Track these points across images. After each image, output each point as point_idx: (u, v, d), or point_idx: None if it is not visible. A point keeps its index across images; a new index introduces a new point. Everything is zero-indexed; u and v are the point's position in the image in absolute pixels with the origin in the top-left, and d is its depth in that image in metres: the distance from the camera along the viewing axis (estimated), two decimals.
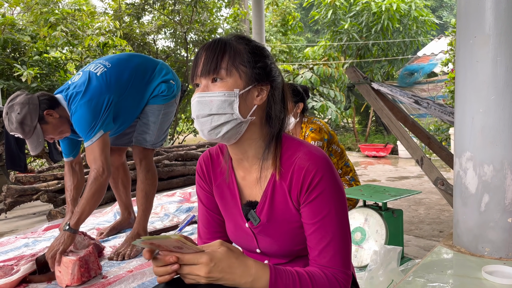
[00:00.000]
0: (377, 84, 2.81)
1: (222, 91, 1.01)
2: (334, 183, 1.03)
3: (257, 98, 1.06)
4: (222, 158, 1.19)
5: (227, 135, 1.04)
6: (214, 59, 1.02)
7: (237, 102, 1.02)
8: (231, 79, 1.02)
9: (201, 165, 1.22)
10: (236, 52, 1.04)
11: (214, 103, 1.02)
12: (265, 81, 1.06)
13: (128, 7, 8.51)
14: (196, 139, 10.71)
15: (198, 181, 1.24)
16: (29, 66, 5.94)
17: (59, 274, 2.05)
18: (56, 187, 3.79)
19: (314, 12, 10.51)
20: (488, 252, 1.63)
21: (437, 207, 3.65)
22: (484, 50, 1.60)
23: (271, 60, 1.09)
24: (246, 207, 1.13)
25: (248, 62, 1.04)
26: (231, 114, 1.02)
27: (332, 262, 1.00)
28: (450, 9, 17.87)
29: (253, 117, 1.05)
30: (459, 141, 1.72)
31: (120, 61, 2.46)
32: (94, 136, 2.24)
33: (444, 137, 7.36)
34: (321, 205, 1.01)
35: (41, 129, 2.22)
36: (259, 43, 1.11)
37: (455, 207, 1.77)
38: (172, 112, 2.63)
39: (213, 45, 1.04)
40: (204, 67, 1.03)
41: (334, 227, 1.01)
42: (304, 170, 1.02)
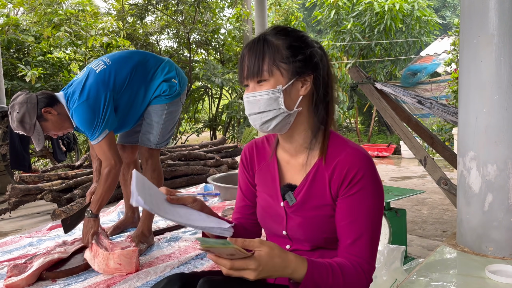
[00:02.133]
0: (380, 84, 2.81)
1: (267, 89, 1.10)
2: (375, 181, 1.10)
3: (302, 89, 1.13)
4: (268, 146, 1.29)
5: (277, 127, 1.13)
6: (256, 63, 1.10)
7: (281, 97, 1.10)
8: (273, 78, 1.10)
9: (245, 152, 1.34)
10: (275, 51, 1.10)
11: (261, 101, 1.11)
12: (307, 71, 1.12)
13: (131, 8, 8.53)
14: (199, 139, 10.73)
15: (240, 167, 1.35)
16: (33, 66, 5.96)
17: (118, 266, 2.20)
18: (60, 187, 3.81)
19: (317, 12, 10.51)
20: (492, 251, 1.63)
21: (440, 207, 3.65)
22: (487, 49, 1.60)
23: (311, 47, 1.13)
24: (285, 188, 1.20)
25: (287, 58, 1.10)
26: (278, 109, 1.10)
27: (361, 253, 1.08)
28: (453, 9, 17.82)
29: (300, 108, 1.13)
30: (462, 141, 1.72)
31: (120, 58, 2.47)
32: (100, 135, 2.31)
33: (447, 137, 7.36)
34: (359, 200, 1.08)
35: (41, 126, 2.31)
36: (298, 32, 1.16)
37: (459, 206, 1.78)
38: (177, 111, 2.62)
39: (254, 46, 1.12)
40: (249, 70, 1.11)
41: (368, 222, 1.08)
42: (348, 165, 1.10)
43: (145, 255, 2.50)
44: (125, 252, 2.22)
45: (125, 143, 2.81)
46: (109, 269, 2.21)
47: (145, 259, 2.43)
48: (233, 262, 0.93)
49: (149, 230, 2.65)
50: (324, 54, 1.17)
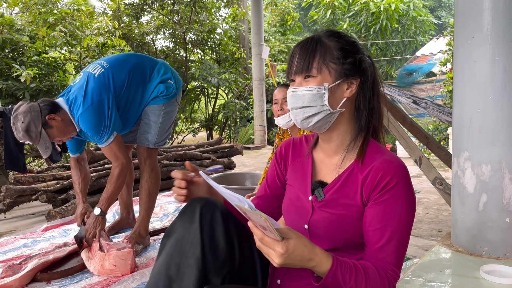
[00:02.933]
0: None
1: (313, 85, 1.12)
2: (408, 190, 1.10)
3: (347, 91, 1.14)
4: (306, 145, 1.31)
5: (317, 124, 1.15)
6: (307, 59, 1.13)
7: (326, 95, 1.12)
8: (321, 76, 1.12)
9: (281, 147, 1.36)
10: (326, 50, 1.13)
11: (306, 96, 1.13)
12: (355, 75, 1.14)
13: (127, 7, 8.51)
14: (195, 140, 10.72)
15: (273, 159, 1.38)
16: (28, 66, 5.93)
17: (113, 268, 2.18)
18: (55, 188, 3.79)
19: (313, 12, 10.52)
20: (486, 251, 1.63)
21: (435, 207, 3.66)
22: (482, 50, 1.61)
23: (361, 53, 1.16)
24: (316, 184, 1.21)
25: (338, 59, 1.13)
26: (321, 106, 1.13)
27: (387, 259, 1.07)
28: (449, 9, 17.88)
29: (343, 109, 1.15)
30: (457, 141, 1.73)
31: (117, 61, 2.49)
32: (110, 138, 2.35)
33: (442, 137, 7.37)
34: (391, 207, 1.08)
35: (47, 133, 2.32)
36: (350, 37, 1.18)
37: (453, 206, 1.78)
38: (174, 111, 2.64)
39: (306, 44, 1.14)
40: (298, 66, 1.13)
41: (397, 229, 1.07)
42: (382, 171, 1.09)
43: (140, 256, 2.49)
44: (120, 254, 2.21)
45: None
46: (104, 270, 2.20)
47: (140, 260, 2.42)
48: (263, 236, 0.95)
49: (146, 231, 2.64)
50: (372, 63, 1.20)
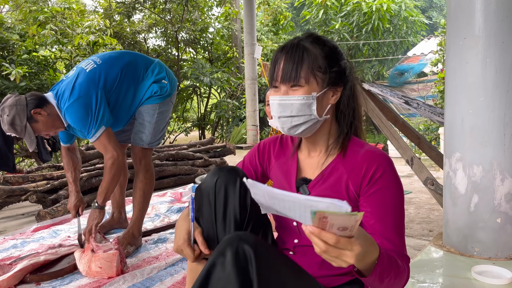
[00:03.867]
0: (367, 85, 2.82)
1: (302, 95, 1.13)
2: (395, 178, 1.12)
3: (332, 98, 1.17)
4: (291, 144, 1.32)
5: (304, 132, 1.17)
6: (294, 68, 1.12)
7: (314, 104, 1.13)
8: (309, 85, 1.13)
9: (266, 143, 1.37)
10: (314, 59, 1.13)
11: (294, 106, 1.13)
12: (339, 83, 1.16)
13: (119, 6, 8.45)
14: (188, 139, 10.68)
15: (254, 153, 1.37)
16: (18, 65, 5.86)
17: (99, 270, 2.15)
18: (45, 188, 3.75)
19: (305, 12, 10.53)
20: (478, 252, 1.64)
21: (426, 206, 3.68)
22: (473, 51, 1.61)
23: (344, 59, 1.18)
24: (300, 181, 1.23)
25: (325, 68, 1.14)
26: (309, 115, 1.14)
27: (396, 247, 1.06)
28: (440, 9, 18.00)
29: (328, 116, 1.17)
30: (448, 142, 1.73)
31: (111, 58, 2.47)
32: (97, 132, 2.32)
33: (433, 137, 7.42)
34: (384, 198, 1.10)
35: (32, 127, 2.31)
36: (333, 43, 1.20)
37: (445, 207, 1.79)
38: (168, 111, 2.63)
39: (292, 51, 1.14)
40: (285, 75, 1.13)
41: (396, 218, 1.08)
42: (366, 163, 1.12)
43: (131, 257, 2.47)
44: (106, 256, 2.18)
45: None
46: (91, 272, 2.18)
47: (132, 261, 2.39)
48: (339, 239, 0.83)
49: (139, 231, 2.62)
50: (352, 66, 1.22)
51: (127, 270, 2.25)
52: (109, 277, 2.14)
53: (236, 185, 1.20)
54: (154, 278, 2.17)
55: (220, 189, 1.20)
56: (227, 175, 1.21)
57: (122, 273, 2.19)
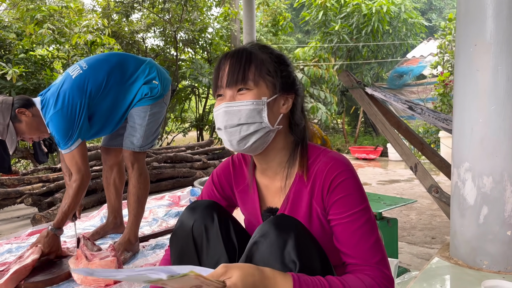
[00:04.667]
0: (370, 89, 2.77)
1: (251, 99, 1.02)
2: (356, 183, 1.05)
3: (283, 107, 1.08)
4: (245, 166, 1.21)
5: (255, 145, 1.05)
6: (241, 69, 1.03)
7: (265, 111, 1.03)
8: (258, 89, 1.03)
9: (220, 174, 1.25)
10: (262, 62, 1.05)
11: (242, 112, 1.02)
12: (290, 90, 1.09)
13: (117, 5, 8.37)
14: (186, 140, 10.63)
15: (210, 186, 1.26)
16: (15, 64, 5.78)
17: (96, 278, 2.09)
18: (41, 190, 3.69)
19: (305, 13, 10.48)
20: (487, 265, 1.59)
21: (428, 212, 3.64)
22: (484, 58, 1.56)
23: (292, 69, 1.12)
24: (266, 213, 1.15)
25: (274, 72, 1.06)
26: (260, 123, 1.03)
27: (365, 256, 0.99)
28: (439, 12, 18.00)
29: (280, 126, 1.08)
30: (457, 151, 1.68)
31: (97, 62, 2.41)
32: (73, 145, 2.27)
33: (433, 140, 7.39)
34: (347, 203, 1.02)
35: (15, 127, 2.27)
36: (280, 52, 1.13)
37: (452, 218, 1.74)
38: (161, 113, 2.55)
39: (238, 55, 1.05)
40: (231, 77, 1.03)
41: (362, 223, 1.01)
42: (325, 172, 1.04)
43: (128, 264, 2.42)
44: (103, 263, 2.14)
45: (110, 146, 2.76)
46: (87, 280, 2.13)
47: (128, 268, 2.34)
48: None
49: (135, 237, 2.57)
50: (300, 81, 1.16)
51: None
52: (106, 284, 2.10)
53: (215, 225, 1.10)
54: None
55: (199, 235, 1.10)
56: (202, 215, 1.11)
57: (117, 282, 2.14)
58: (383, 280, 0.97)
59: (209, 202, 1.16)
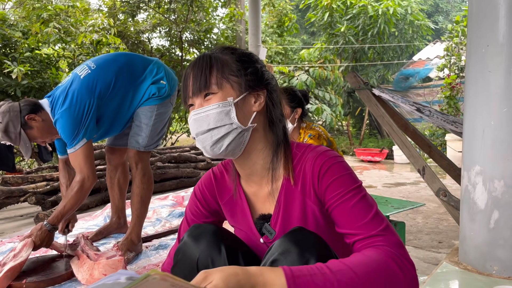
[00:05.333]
0: (378, 90, 2.74)
1: (216, 102, 1.00)
2: (344, 166, 1.02)
3: (255, 105, 1.05)
4: (228, 176, 1.17)
5: (230, 147, 1.02)
6: (203, 75, 1.01)
7: (233, 111, 1.01)
8: (222, 91, 1.01)
9: (202, 188, 1.19)
10: (223, 64, 1.03)
11: (210, 116, 1.00)
12: (260, 86, 1.06)
13: (123, 5, 8.38)
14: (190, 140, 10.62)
15: (194, 202, 1.20)
16: (20, 62, 5.79)
17: (103, 277, 2.05)
18: (45, 189, 3.68)
19: (311, 14, 10.46)
20: (497, 271, 1.56)
21: (435, 216, 3.60)
22: (497, 60, 1.53)
23: (261, 64, 1.08)
24: (260, 221, 1.11)
25: (238, 71, 1.03)
26: (230, 125, 1.00)
27: (368, 228, 0.92)
28: (446, 14, 17.92)
29: (254, 124, 1.04)
30: (468, 154, 1.65)
31: (105, 62, 2.39)
32: (77, 144, 2.23)
33: (439, 143, 7.33)
34: (339, 185, 0.98)
35: (27, 134, 2.24)
36: (245, 50, 1.10)
37: (462, 222, 1.70)
38: (167, 113, 2.54)
39: (199, 62, 1.04)
40: (194, 85, 1.02)
41: (358, 199, 0.96)
42: (312, 167, 1.01)
43: (131, 264, 2.40)
44: (111, 262, 2.12)
45: (115, 146, 2.75)
46: (93, 280, 2.10)
47: (131, 268, 2.32)
48: None
49: (138, 238, 2.54)
50: (274, 77, 1.13)
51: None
52: None
53: (222, 256, 1.03)
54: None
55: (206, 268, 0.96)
56: (208, 247, 1.04)
57: None
58: (389, 247, 0.88)
59: (213, 228, 1.09)
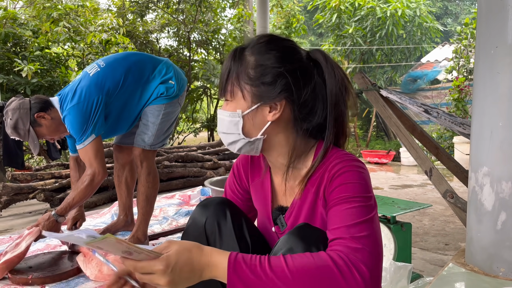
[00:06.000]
0: (385, 91, 2.73)
1: (228, 111, 1.02)
2: (360, 175, 0.96)
3: (270, 115, 1.01)
4: (262, 161, 1.19)
5: (242, 151, 1.06)
6: (224, 81, 1.03)
7: (241, 123, 1.00)
8: (235, 100, 1.01)
9: (238, 165, 1.25)
10: (242, 69, 1.00)
11: (224, 122, 1.03)
12: (276, 97, 0.99)
13: (132, 5, 8.44)
14: (197, 140, 10.65)
15: (231, 177, 1.27)
16: (30, 61, 5.85)
17: (111, 272, 2.08)
18: (53, 186, 3.71)
19: (319, 16, 10.45)
20: (504, 272, 1.55)
21: (441, 218, 3.58)
22: (506, 61, 1.52)
23: (287, 67, 1.00)
24: (276, 212, 1.14)
25: (252, 80, 0.99)
26: (238, 134, 1.02)
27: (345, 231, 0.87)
28: (455, 17, 17.82)
29: (263, 136, 1.02)
30: (475, 155, 1.65)
31: (115, 61, 2.42)
32: (86, 140, 2.27)
33: (447, 145, 7.29)
34: (345, 189, 0.94)
35: (35, 131, 2.29)
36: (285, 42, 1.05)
37: (469, 223, 1.70)
38: (174, 113, 2.55)
39: (226, 60, 1.04)
40: (219, 86, 1.06)
41: (356, 205, 0.91)
42: (330, 171, 0.99)
43: None
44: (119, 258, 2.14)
45: (123, 144, 2.77)
46: (102, 276, 2.12)
47: None
48: (136, 263, 0.82)
49: (144, 235, 2.56)
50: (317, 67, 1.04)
51: None
52: None
53: (228, 221, 1.09)
54: None
55: (213, 232, 1.09)
56: (214, 212, 1.10)
57: None
58: (345, 252, 0.83)
59: (221, 199, 1.16)
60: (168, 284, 0.80)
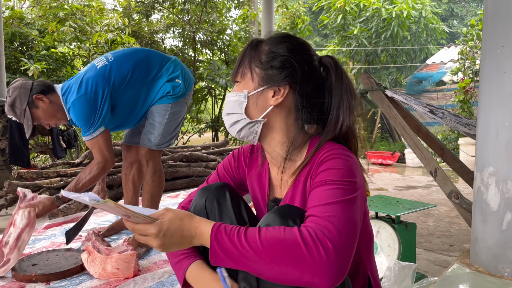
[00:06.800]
0: (391, 92, 2.73)
1: (235, 92, 1.08)
2: (346, 162, 0.98)
3: (272, 99, 1.06)
4: (261, 154, 1.23)
5: (242, 134, 1.09)
6: (237, 64, 1.09)
7: (245, 103, 1.06)
8: (244, 82, 1.07)
9: (239, 153, 1.27)
10: (256, 54, 1.07)
11: (229, 103, 1.10)
12: (281, 81, 1.06)
13: (138, 5, 8.47)
14: (201, 140, 10.66)
15: (227, 163, 1.29)
16: (36, 60, 5.90)
17: (116, 271, 2.11)
18: (59, 185, 3.73)
19: (324, 17, 10.46)
20: (509, 273, 1.54)
21: (446, 219, 3.57)
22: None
23: (296, 58, 1.06)
24: (271, 203, 1.17)
25: (263, 63, 1.06)
26: (240, 114, 1.07)
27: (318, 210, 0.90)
28: (461, 18, 17.75)
29: (263, 120, 1.07)
30: (481, 155, 1.64)
31: (123, 55, 2.43)
32: (95, 132, 2.28)
33: (452, 147, 7.26)
34: (328, 174, 0.96)
35: (32, 113, 2.27)
36: (297, 40, 1.10)
37: (474, 224, 1.69)
38: (181, 112, 2.55)
39: (244, 49, 1.10)
40: (233, 70, 1.10)
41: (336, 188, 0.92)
42: (318, 159, 1.02)
43: (142, 260, 2.42)
44: (123, 256, 2.15)
45: (130, 143, 2.78)
46: (106, 274, 2.13)
47: (142, 264, 2.34)
48: (134, 225, 0.92)
49: None
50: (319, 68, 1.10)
51: (139, 273, 2.21)
52: (125, 278, 2.12)
53: (227, 200, 1.15)
54: (165, 283, 2.12)
55: (212, 208, 1.15)
56: (215, 192, 1.16)
57: (136, 275, 2.16)
58: (314, 229, 0.85)
59: (221, 183, 1.21)
60: (160, 247, 0.91)
